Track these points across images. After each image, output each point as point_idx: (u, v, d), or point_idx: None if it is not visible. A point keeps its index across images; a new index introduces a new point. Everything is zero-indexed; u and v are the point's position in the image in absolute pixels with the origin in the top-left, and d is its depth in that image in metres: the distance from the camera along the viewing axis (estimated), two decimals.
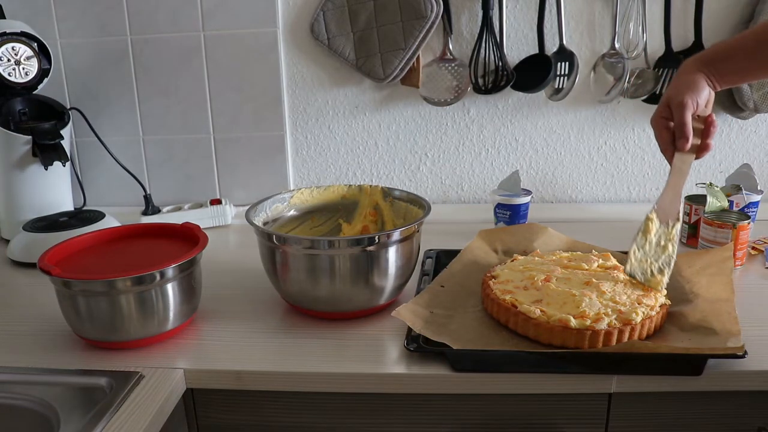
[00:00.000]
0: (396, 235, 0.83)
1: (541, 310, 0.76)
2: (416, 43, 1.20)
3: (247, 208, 0.91)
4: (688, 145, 0.79)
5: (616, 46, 1.20)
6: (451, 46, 1.23)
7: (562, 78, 1.21)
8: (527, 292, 0.81)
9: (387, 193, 1.02)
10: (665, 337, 0.77)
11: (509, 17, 1.22)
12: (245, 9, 1.25)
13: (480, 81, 1.22)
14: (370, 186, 1.03)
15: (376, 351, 0.79)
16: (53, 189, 1.23)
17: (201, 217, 1.25)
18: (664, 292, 0.82)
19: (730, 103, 1.20)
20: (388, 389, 0.75)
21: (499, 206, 1.16)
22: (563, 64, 1.20)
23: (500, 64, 1.20)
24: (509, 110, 1.29)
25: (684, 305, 0.83)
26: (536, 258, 0.93)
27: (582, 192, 1.34)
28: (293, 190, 1.02)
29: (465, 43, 1.24)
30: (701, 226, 1.03)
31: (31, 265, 1.08)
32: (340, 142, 1.34)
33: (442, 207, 1.35)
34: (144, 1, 1.26)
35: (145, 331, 0.79)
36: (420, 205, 0.95)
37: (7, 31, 1.13)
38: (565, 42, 1.20)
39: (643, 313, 0.76)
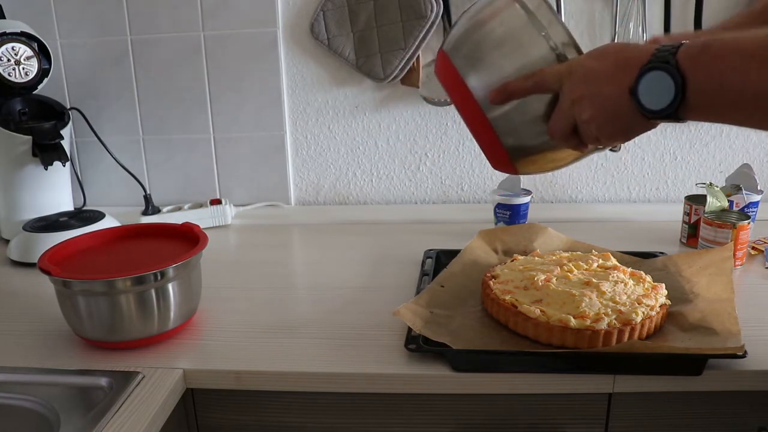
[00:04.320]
0: None
1: (540, 310, 0.76)
2: (416, 43, 1.20)
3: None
4: None
5: None
6: None
7: None
8: (527, 292, 0.81)
9: None
10: (665, 337, 0.77)
11: None
12: (245, 9, 1.25)
13: None
14: None
15: (376, 351, 0.78)
16: (53, 189, 1.22)
17: (201, 217, 1.25)
18: None
19: None
20: (388, 389, 0.75)
21: (499, 206, 1.16)
22: None
23: None
24: None
25: (684, 305, 0.83)
26: (536, 258, 0.93)
27: (582, 192, 1.34)
28: None
29: None
30: (701, 226, 1.03)
31: (31, 265, 1.08)
32: (340, 142, 1.34)
33: (442, 207, 1.35)
34: (144, 1, 1.26)
35: (145, 331, 0.79)
36: None
37: (7, 31, 1.12)
38: None
39: (643, 313, 0.76)
